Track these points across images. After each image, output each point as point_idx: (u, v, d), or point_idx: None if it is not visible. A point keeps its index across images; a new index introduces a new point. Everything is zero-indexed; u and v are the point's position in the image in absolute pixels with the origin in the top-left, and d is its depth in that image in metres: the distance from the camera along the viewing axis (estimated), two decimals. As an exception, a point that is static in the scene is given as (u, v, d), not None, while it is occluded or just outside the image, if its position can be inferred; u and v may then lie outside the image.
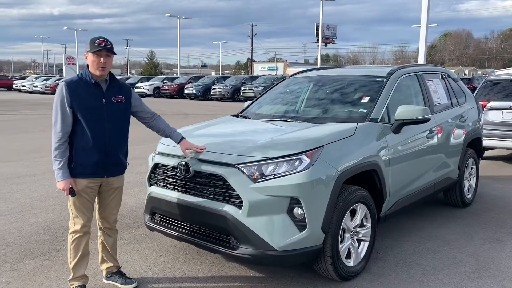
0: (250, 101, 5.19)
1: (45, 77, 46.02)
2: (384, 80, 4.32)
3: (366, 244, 3.66)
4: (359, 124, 3.75)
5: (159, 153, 3.77)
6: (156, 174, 3.75)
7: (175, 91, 32.14)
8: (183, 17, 45.36)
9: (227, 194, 3.19)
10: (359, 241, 3.62)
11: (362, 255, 3.62)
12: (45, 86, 39.42)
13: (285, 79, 5.38)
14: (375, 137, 3.76)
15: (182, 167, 3.40)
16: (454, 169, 5.09)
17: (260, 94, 22.70)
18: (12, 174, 7.22)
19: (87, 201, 3.14)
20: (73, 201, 3.11)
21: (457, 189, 5.29)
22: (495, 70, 59.52)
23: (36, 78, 46.60)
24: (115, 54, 3.11)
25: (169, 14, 44.13)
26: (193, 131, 4.06)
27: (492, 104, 7.91)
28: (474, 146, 5.64)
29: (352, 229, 3.52)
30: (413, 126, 4.11)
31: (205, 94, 30.31)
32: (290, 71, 67.30)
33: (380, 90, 4.17)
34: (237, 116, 4.77)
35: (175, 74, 50.70)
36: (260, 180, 3.12)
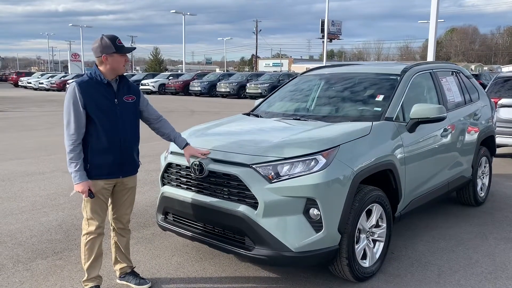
0: (261, 99, 5.14)
1: (50, 74, 46.13)
2: (398, 78, 4.26)
3: (382, 244, 3.62)
4: (374, 123, 3.69)
5: (172, 153, 3.73)
6: (169, 173, 3.72)
7: (181, 88, 32.12)
8: (188, 13, 45.22)
9: (242, 194, 3.16)
10: (374, 241, 3.58)
11: (377, 256, 3.58)
12: (51, 83, 39.50)
13: (296, 77, 5.32)
14: (391, 136, 3.72)
15: (196, 167, 3.37)
16: (467, 168, 5.03)
17: (266, 91, 22.59)
18: (21, 172, 7.23)
19: (102, 202, 3.13)
20: (89, 203, 3.09)
21: (470, 188, 5.23)
22: (501, 66, 59.12)
23: (42, 75, 46.71)
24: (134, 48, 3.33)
25: (174, 11, 44.00)
26: (206, 130, 4.02)
27: (504, 101, 7.82)
28: (487, 144, 5.57)
29: (368, 230, 3.48)
30: (427, 124, 4.05)
31: (210, 90, 30.27)
32: (295, 67, 67.16)
33: (394, 88, 4.12)
34: (248, 114, 4.73)
35: (179, 71, 50.65)
36: (275, 180, 3.08)
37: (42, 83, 40.75)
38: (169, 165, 3.71)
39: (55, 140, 10.46)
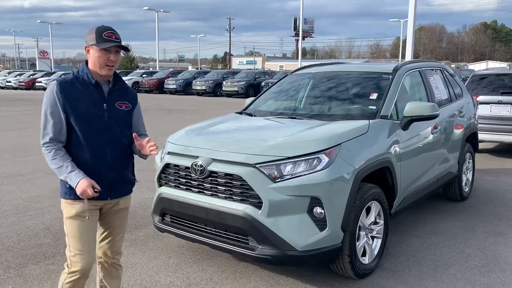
0: (253, 98, 5.12)
1: (18, 72, 44.61)
2: (390, 76, 4.32)
3: (379, 241, 3.67)
4: (371, 121, 3.74)
5: (169, 153, 3.66)
6: (167, 174, 3.65)
7: (155, 86, 31.66)
8: (161, 10, 44.65)
9: (246, 194, 3.14)
10: (372, 238, 3.63)
11: (375, 252, 3.63)
12: (19, 82, 38.26)
13: (286, 75, 5.32)
14: (387, 134, 3.77)
15: (197, 167, 3.32)
16: (454, 164, 5.16)
17: (242, 89, 22.46)
18: (-1, 174, 6.97)
19: (89, 223, 2.59)
20: (70, 230, 2.57)
21: (456, 183, 5.37)
22: (467, 64, 61.01)
23: (9, 73, 45.15)
24: (128, 50, 2.66)
25: (147, 8, 43.37)
26: (202, 129, 3.96)
27: (481, 98, 8.05)
28: (471, 140, 5.73)
29: (367, 227, 3.52)
30: (418, 122, 4.13)
31: (186, 88, 29.97)
32: (269, 65, 67.35)
33: (387, 86, 4.18)
34: (240, 113, 4.70)
35: (151, 68, 49.97)
36: (279, 179, 3.08)
37: (9, 82, 39.39)
38: (166, 166, 3.64)
39: (32, 141, 10.14)
